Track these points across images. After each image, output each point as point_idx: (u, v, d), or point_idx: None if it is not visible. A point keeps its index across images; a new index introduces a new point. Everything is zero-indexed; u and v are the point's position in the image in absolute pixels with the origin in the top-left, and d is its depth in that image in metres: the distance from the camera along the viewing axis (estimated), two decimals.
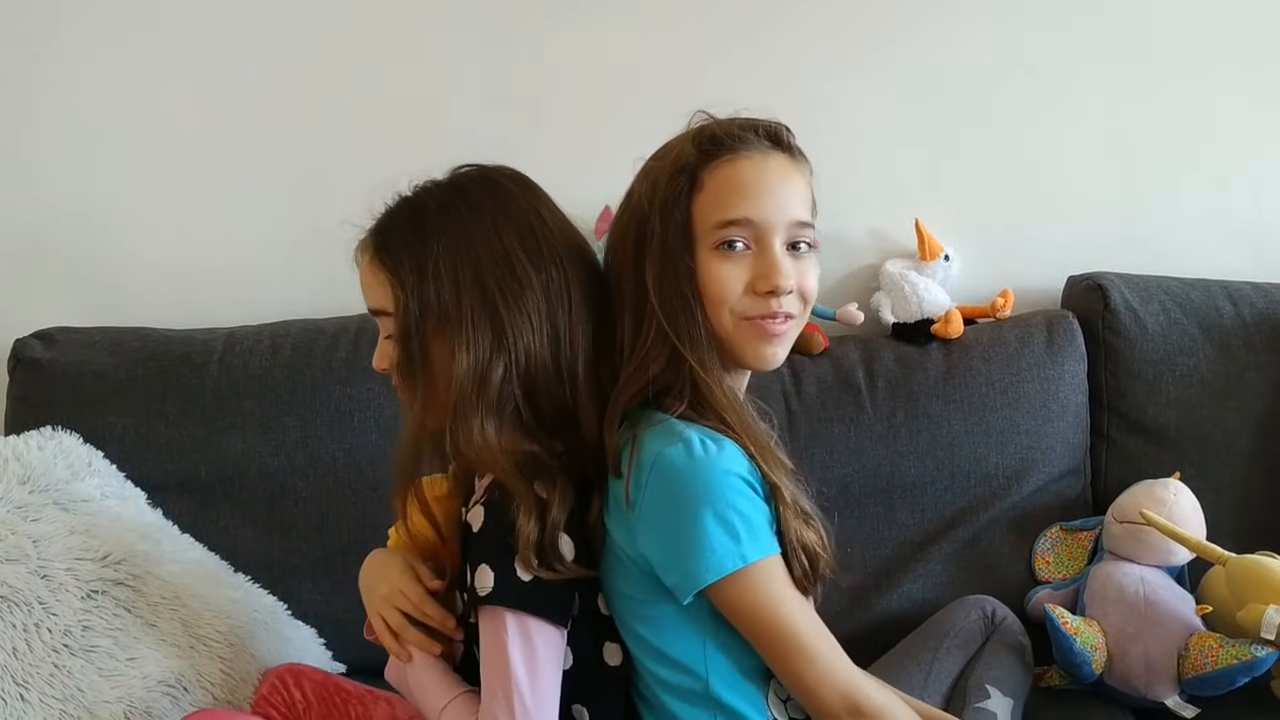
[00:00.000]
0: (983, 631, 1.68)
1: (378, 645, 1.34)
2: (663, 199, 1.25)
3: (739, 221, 1.24)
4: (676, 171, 1.25)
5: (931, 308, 1.99)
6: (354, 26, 2.04)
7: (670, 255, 1.24)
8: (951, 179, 2.08)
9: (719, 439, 1.22)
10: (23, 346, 1.93)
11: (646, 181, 1.28)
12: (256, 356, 1.92)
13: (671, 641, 1.26)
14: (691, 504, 1.18)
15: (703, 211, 1.24)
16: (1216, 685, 1.64)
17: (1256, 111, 2.10)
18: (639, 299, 1.26)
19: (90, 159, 2.06)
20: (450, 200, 1.30)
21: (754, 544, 1.19)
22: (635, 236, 1.27)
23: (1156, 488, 1.82)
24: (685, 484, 1.19)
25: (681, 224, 1.24)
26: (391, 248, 1.29)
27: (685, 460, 1.19)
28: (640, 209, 1.27)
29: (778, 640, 1.21)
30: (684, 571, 1.19)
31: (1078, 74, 2.08)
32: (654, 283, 1.24)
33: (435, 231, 1.27)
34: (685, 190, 1.25)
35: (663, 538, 1.20)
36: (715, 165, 1.25)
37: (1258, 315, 1.96)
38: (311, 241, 2.08)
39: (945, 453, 1.90)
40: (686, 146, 1.26)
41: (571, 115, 2.05)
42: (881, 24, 2.06)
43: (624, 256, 1.28)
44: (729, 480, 1.20)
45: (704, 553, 1.17)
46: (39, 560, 1.53)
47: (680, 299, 1.24)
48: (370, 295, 1.32)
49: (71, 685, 1.45)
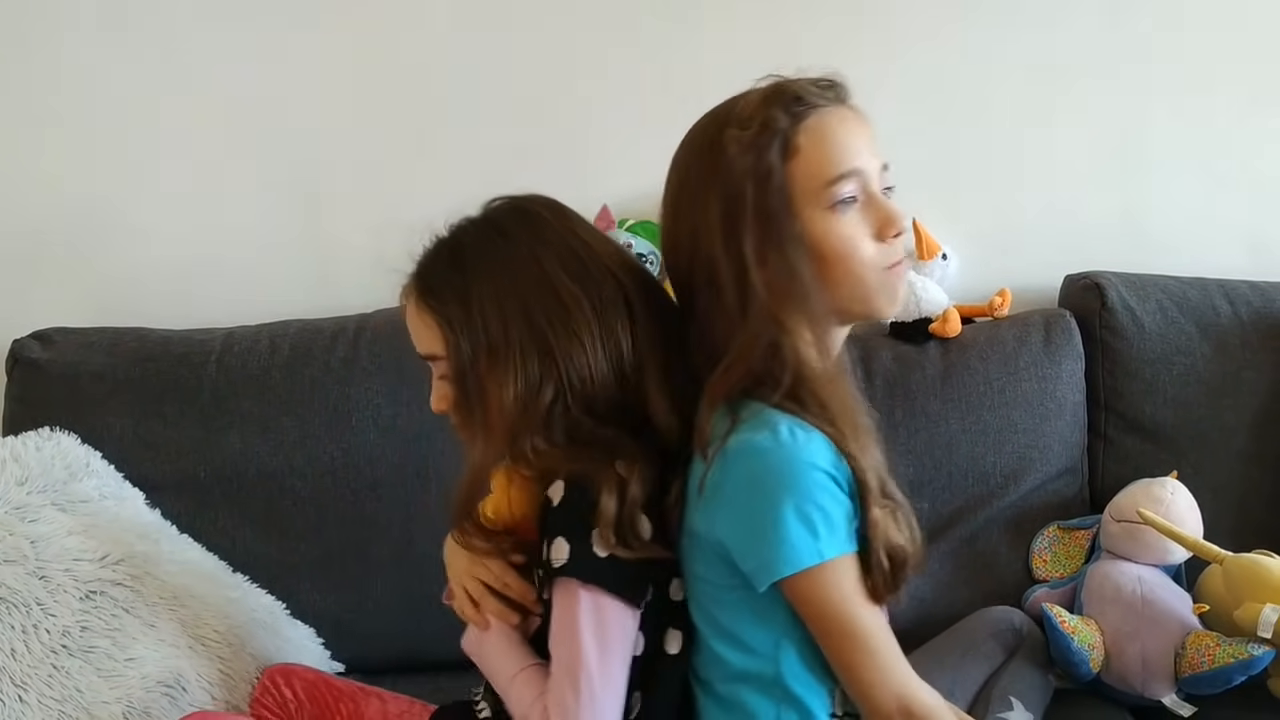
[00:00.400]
0: (1010, 645, 1.68)
1: (452, 612, 1.35)
2: (756, 170, 1.19)
3: (848, 174, 1.21)
4: (769, 139, 1.20)
5: (929, 307, 1.99)
6: (354, 27, 2.04)
7: (775, 223, 1.19)
8: (949, 178, 2.08)
9: (809, 429, 1.19)
10: (21, 347, 1.93)
11: (729, 155, 1.21)
12: (254, 357, 1.92)
13: (746, 627, 1.24)
14: (773, 494, 1.16)
15: (804, 172, 1.20)
16: (1213, 684, 1.64)
17: (1254, 110, 2.10)
18: (738, 278, 1.20)
19: (88, 159, 2.06)
20: (487, 235, 1.30)
21: (832, 540, 1.17)
22: (726, 218, 1.21)
23: (1154, 486, 1.82)
24: (768, 473, 1.17)
25: (781, 190, 1.19)
26: (435, 290, 1.29)
27: (771, 448, 1.17)
28: (729, 185, 1.20)
29: (843, 636, 1.19)
30: (760, 561, 1.18)
31: (1075, 73, 2.08)
32: (755, 255, 1.19)
33: (475, 269, 1.27)
34: (780, 154, 1.20)
35: (742, 525, 1.19)
36: (806, 124, 1.21)
37: (1255, 314, 1.96)
38: (309, 242, 2.10)
39: (943, 451, 1.90)
40: (772, 110, 1.21)
41: (569, 115, 2.05)
42: (879, 23, 2.06)
43: (713, 239, 1.21)
44: (812, 474, 1.17)
45: (781, 545, 1.16)
46: (37, 561, 1.53)
47: (788, 267, 1.19)
48: (420, 341, 1.31)
49: (70, 686, 1.46)
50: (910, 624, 1.75)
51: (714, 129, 1.25)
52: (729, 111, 1.25)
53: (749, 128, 1.21)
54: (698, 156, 1.25)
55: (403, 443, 1.88)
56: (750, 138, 1.20)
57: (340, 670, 1.86)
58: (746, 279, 1.20)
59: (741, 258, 1.20)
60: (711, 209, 1.21)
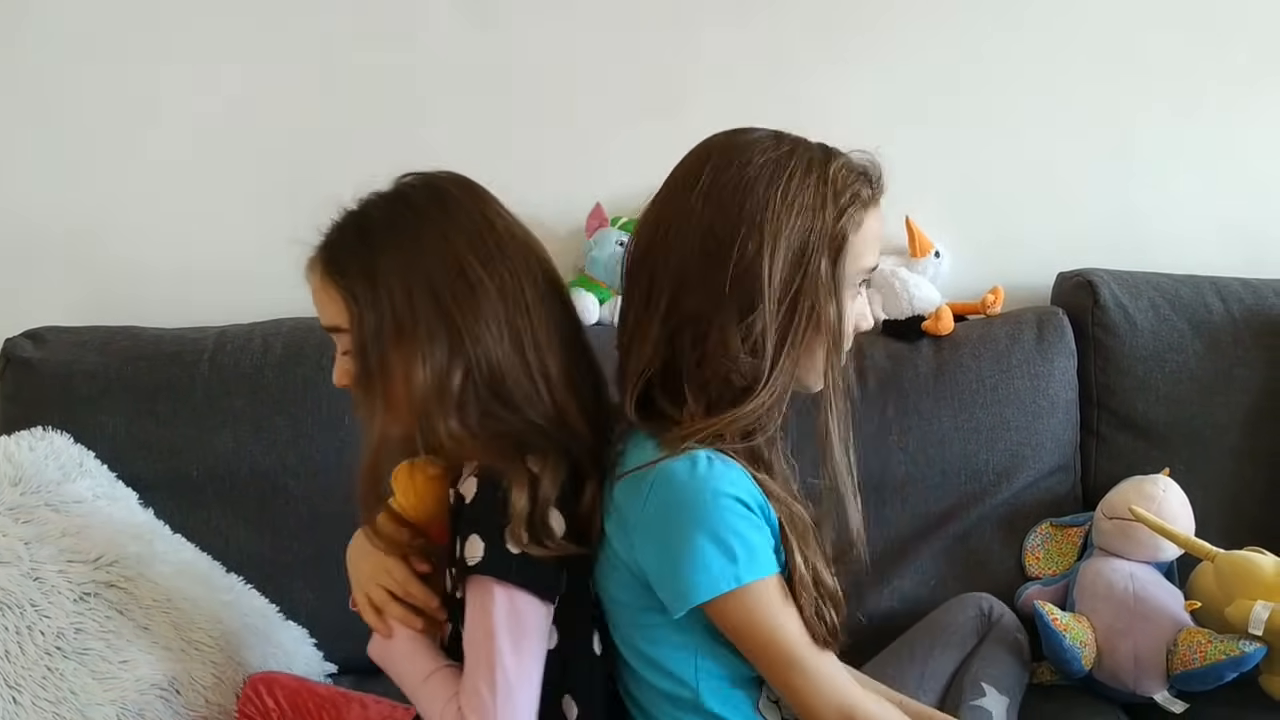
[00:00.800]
0: (979, 629, 1.69)
1: (359, 618, 1.34)
2: (836, 233, 1.21)
3: (873, 269, 1.27)
4: (856, 209, 1.23)
5: (922, 304, 2.00)
6: (348, 27, 2.04)
7: (835, 291, 1.22)
8: (942, 176, 2.08)
9: (727, 460, 1.20)
10: (13, 346, 1.92)
11: (809, 206, 1.21)
12: (247, 355, 1.92)
13: (663, 651, 1.26)
14: (687, 523, 1.18)
15: (854, 251, 1.23)
16: (1205, 680, 1.64)
17: (1245, 108, 2.11)
18: (787, 322, 1.21)
19: (80, 158, 2.05)
20: (396, 211, 1.28)
21: (750, 565, 1.18)
22: (791, 260, 1.20)
23: (1146, 484, 1.82)
24: (683, 502, 1.18)
25: (843, 264, 1.22)
26: (341, 263, 1.27)
27: (687, 477, 1.18)
28: (807, 238, 1.20)
29: (775, 658, 1.21)
30: (677, 589, 1.19)
31: (1068, 71, 2.08)
32: (808, 316, 1.21)
33: (383, 244, 1.25)
34: (856, 227, 1.23)
35: (658, 553, 1.20)
36: (872, 210, 1.25)
37: (1247, 311, 1.96)
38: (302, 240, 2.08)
39: (935, 449, 1.91)
40: (859, 185, 1.24)
41: (564, 114, 2.05)
42: (871, 21, 2.06)
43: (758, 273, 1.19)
44: (726, 501, 1.18)
45: (696, 572, 1.17)
46: (31, 562, 1.53)
47: (835, 333, 1.23)
48: (324, 313, 1.29)
49: (64, 688, 1.45)
50: (902, 622, 1.77)
51: (804, 171, 1.23)
52: (816, 159, 1.24)
53: (843, 192, 1.23)
54: (773, 188, 1.21)
55: None
56: (845, 201, 1.22)
57: (333, 671, 1.86)
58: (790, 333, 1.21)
59: (796, 308, 1.20)
60: (780, 250, 1.20)
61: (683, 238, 1.22)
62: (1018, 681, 1.66)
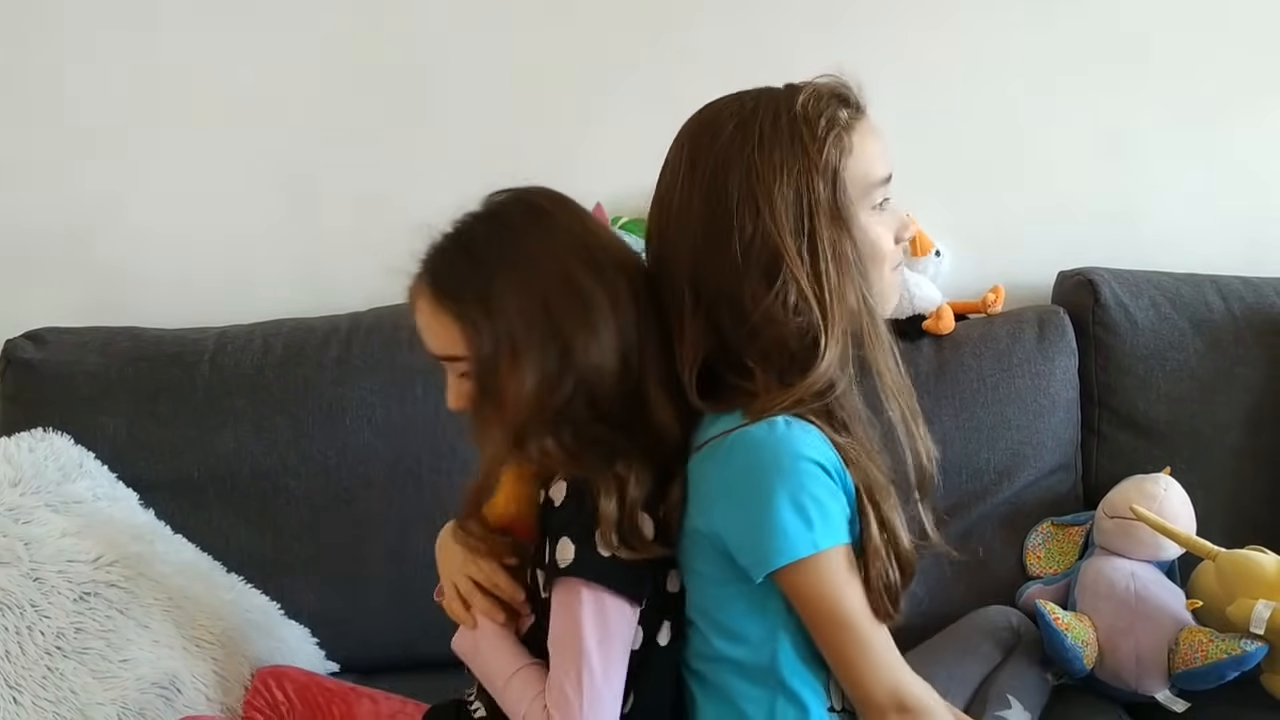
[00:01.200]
0: (1007, 644, 1.68)
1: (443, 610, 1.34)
2: (826, 165, 1.20)
3: (888, 178, 1.26)
4: (838, 133, 1.22)
5: (923, 304, 2.00)
6: (349, 27, 2.04)
7: (847, 221, 1.21)
8: (942, 175, 2.08)
9: (805, 424, 1.19)
10: (14, 347, 1.93)
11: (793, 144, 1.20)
12: (248, 356, 1.92)
13: (742, 619, 1.24)
14: (767, 485, 1.16)
15: (856, 172, 1.22)
16: (1206, 679, 1.64)
17: (1245, 105, 2.10)
18: (812, 273, 1.19)
19: (81, 158, 2.05)
20: (496, 231, 1.27)
21: (826, 531, 1.17)
22: (795, 207, 1.19)
23: (1147, 483, 1.82)
24: (761, 464, 1.17)
25: (845, 186, 1.21)
26: (452, 290, 1.25)
27: (764, 439, 1.17)
28: (802, 174, 1.20)
29: (836, 628, 1.19)
30: (757, 552, 1.18)
31: (1068, 69, 2.08)
32: (833, 253, 1.20)
33: (492, 266, 1.24)
34: (844, 152, 1.21)
35: (737, 517, 1.19)
36: (859, 126, 1.24)
37: (1248, 310, 1.96)
38: (303, 241, 2.09)
39: (936, 448, 1.90)
40: (833, 110, 1.23)
41: (565, 114, 2.05)
42: (872, 20, 2.06)
43: (771, 231, 1.19)
44: (804, 464, 1.17)
45: (776, 536, 1.16)
46: (31, 563, 1.53)
47: (860, 262, 1.21)
48: (437, 342, 1.28)
49: (65, 687, 1.46)
50: (905, 621, 1.76)
51: (772, 120, 1.22)
52: (781, 103, 1.23)
53: (815, 124, 1.21)
54: (748, 152, 1.21)
55: (396, 441, 1.88)
56: (821, 132, 1.21)
57: (335, 670, 1.86)
58: (820, 273, 1.19)
59: (816, 253, 1.19)
60: (779, 206, 1.19)
61: (684, 230, 1.23)
62: (1040, 699, 1.66)
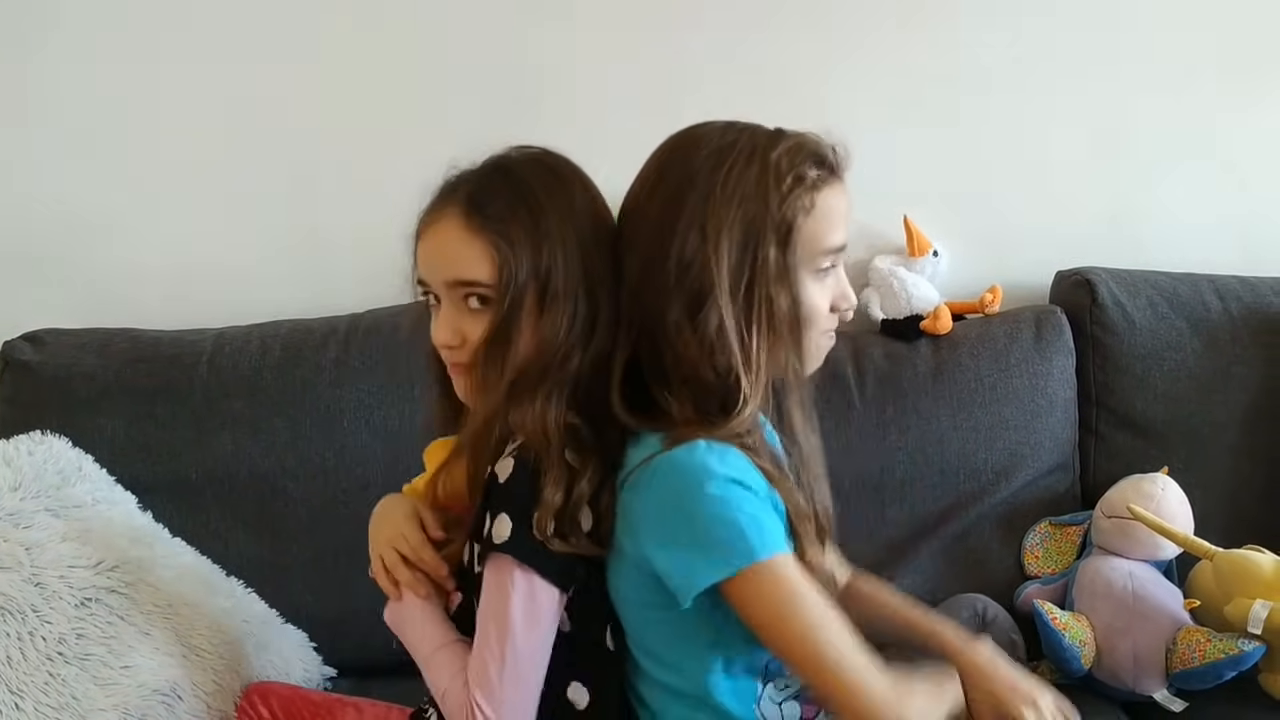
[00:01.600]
0: (973, 630, 1.68)
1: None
2: (784, 216, 1.21)
3: (837, 249, 1.26)
4: (800, 191, 1.22)
5: (920, 304, 2.00)
6: (349, 26, 2.03)
7: (788, 277, 1.21)
8: (939, 175, 2.08)
9: (725, 445, 1.20)
10: (11, 349, 1.92)
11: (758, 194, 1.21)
12: (245, 357, 1.91)
13: (672, 646, 1.26)
14: (694, 507, 1.17)
15: (810, 233, 1.22)
16: (1204, 679, 1.65)
17: (1242, 105, 2.11)
18: (746, 317, 1.21)
19: (78, 160, 2.04)
20: (544, 173, 1.27)
21: (762, 542, 1.17)
22: (740, 249, 1.20)
23: (1144, 483, 1.83)
24: (688, 486, 1.17)
25: (796, 244, 1.21)
26: (497, 214, 1.23)
27: (688, 461, 1.18)
28: (752, 219, 1.20)
29: (790, 636, 1.19)
30: (686, 574, 1.18)
31: (1064, 70, 2.08)
32: (765, 304, 1.21)
33: (541, 199, 1.23)
34: (803, 211, 1.22)
35: (666, 540, 1.19)
36: (826, 190, 1.24)
37: (1245, 309, 1.97)
38: (301, 242, 2.09)
39: (934, 448, 1.91)
40: (807, 167, 1.23)
41: (568, 115, 2.04)
42: (870, 22, 2.05)
43: (709, 266, 1.20)
44: (732, 485, 1.18)
45: (708, 553, 1.16)
46: (32, 568, 1.52)
47: (779, 316, 1.21)
48: (459, 266, 1.23)
49: (66, 693, 1.45)
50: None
51: (746, 158, 1.22)
52: (760, 145, 1.23)
53: (784, 176, 1.22)
54: (714, 180, 1.22)
55: (394, 443, 1.88)
56: (787, 187, 1.21)
57: (332, 674, 1.87)
58: (754, 322, 1.21)
59: (751, 301, 1.20)
60: (724, 242, 1.20)
61: (635, 236, 1.25)
62: None
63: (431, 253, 1.27)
